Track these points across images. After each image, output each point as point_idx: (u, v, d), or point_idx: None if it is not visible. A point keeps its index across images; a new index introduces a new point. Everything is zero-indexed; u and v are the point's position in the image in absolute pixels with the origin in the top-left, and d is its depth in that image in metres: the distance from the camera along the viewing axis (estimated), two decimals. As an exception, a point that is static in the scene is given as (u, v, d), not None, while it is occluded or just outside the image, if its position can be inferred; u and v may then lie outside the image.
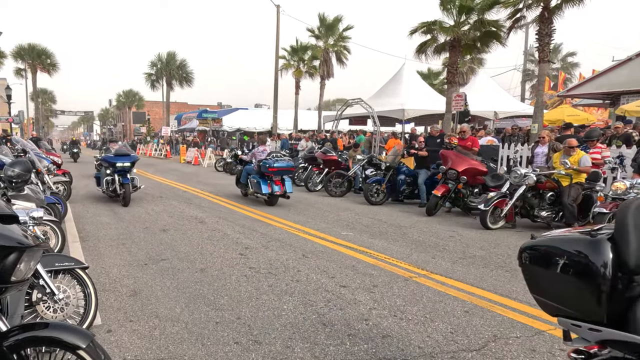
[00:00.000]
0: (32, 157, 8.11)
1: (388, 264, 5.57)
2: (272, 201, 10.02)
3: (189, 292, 4.53)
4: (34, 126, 43.23)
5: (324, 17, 27.80)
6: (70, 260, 3.58)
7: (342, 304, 4.24)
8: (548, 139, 8.92)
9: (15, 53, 40.32)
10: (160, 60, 41.94)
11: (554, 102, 25.05)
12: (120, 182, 9.79)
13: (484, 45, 17.04)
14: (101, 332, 3.57)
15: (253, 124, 34.33)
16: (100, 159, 11.01)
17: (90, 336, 2.07)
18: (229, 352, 3.31)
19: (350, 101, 17.37)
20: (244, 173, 10.92)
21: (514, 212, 7.92)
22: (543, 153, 8.72)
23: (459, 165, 8.95)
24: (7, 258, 1.89)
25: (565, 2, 13.44)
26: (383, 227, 7.89)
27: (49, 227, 5.28)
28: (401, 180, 10.56)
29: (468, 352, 3.34)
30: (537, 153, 8.83)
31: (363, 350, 3.34)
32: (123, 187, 9.72)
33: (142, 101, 63.29)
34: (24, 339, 2.01)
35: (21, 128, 37.09)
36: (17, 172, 5.26)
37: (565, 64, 34.64)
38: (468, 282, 4.90)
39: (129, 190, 9.70)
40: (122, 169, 9.83)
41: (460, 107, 14.42)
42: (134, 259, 5.72)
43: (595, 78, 15.21)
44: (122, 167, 9.82)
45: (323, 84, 28.66)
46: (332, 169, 12.64)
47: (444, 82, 24.61)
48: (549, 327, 3.77)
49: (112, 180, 10.01)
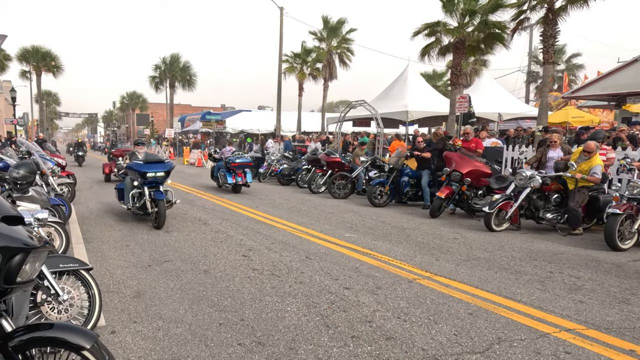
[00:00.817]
0: (37, 159, 8.16)
1: (391, 266, 5.56)
2: (236, 189, 12.35)
3: (192, 293, 4.53)
4: (38, 128, 43.46)
5: (328, 19, 27.84)
6: (75, 261, 3.59)
7: (345, 306, 4.23)
8: (559, 142, 8.75)
9: (20, 55, 40.55)
10: (164, 63, 42.08)
11: (559, 104, 24.96)
12: (152, 197, 7.66)
13: (487, 47, 17.00)
14: (105, 333, 3.58)
15: (256, 125, 34.35)
16: (125, 167, 8.58)
17: (95, 337, 2.08)
18: (232, 353, 3.31)
19: (354, 103, 17.36)
20: (216, 168, 13.43)
21: (518, 214, 7.88)
22: (558, 157, 8.43)
23: (463, 167, 8.93)
24: (13, 259, 1.90)
25: (570, 3, 13.42)
26: (386, 229, 7.88)
27: (54, 228, 5.31)
28: (405, 182, 10.55)
29: (472, 354, 3.32)
30: (552, 157, 8.50)
31: (367, 352, 3.33)
32: (156, 203, 7.53)
33: (145, 103, 63.48)
34: (28, 340, 2.01)
35: (26, 130, 37.27)
36: (22, 174, 5.29)
37: (570, 65, 34.50)
38: (472, 284, 4.89)
39: (163, 209, 7.50)
40: (153, 180, 7.75)
41: (464, 108, 14.38)
42: (138, 260, 5.74)
43: (601, 79, 15.11)
44: (154, 177, 7.73)
45: (326, 86, 28.67)
46: (335, 171, 12.63)
47: (447, 83, 24.58)
48: (554, 329, 3.75)
49: (140, 194, 7.92)
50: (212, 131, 32.57)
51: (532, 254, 6.31)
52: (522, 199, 7.67)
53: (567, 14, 13.69)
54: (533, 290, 4.71)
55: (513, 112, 20.82)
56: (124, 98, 65.91)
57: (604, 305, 4.33)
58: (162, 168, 7.84)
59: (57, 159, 12.13)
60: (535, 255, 6.20)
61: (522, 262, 5.85)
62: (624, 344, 3.51)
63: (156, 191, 7.65)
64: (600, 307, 4.28)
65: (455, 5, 16.38)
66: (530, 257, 6.13)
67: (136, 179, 7.89)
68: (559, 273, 5.33)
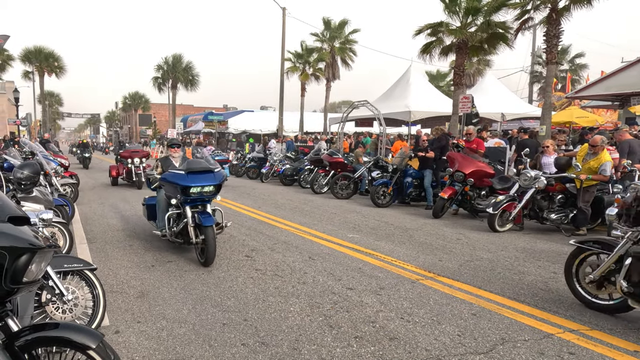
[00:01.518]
0: (41, 159, 8.18)
1: (395, 267, 5.56)
2: None
3: (195, 293, 4.54)
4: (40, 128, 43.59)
5: (327, 21, 27.86)
6: (79, 261, 3.61)
7: (348, 306, 4.23)
8: (552, 148, 8.69)
9: (23, 56, 40.72)
10: (166, 63, 42.19)
11: (563, 104, 24.89)
12: (196, 222, 5.47)
13: (491, 47, 16.97)
14: (109, 333, 3.59)
15: (259, 126, 34.37)
16: (160, 178, 6.22)
17: (100, 336, 2.09)
18: (235, 353, 3.32)
19: (356, 103, 17.35)
20: None
21: (522, 214, 7.86)
22: (551, 163, 8.40)
23: (466, 167, 8.92)
24: (20, 259, 1.91)
25: (573, 3, 13.38)
26: (389, 230, 7.88)
27: (57, 228, 5.33)
28: (408, 183, 10.53)
29: (476, 355, 3.32)
30: (545, 163, 8.46)
31: (370, 353, 3.33)
32: (202, 231, 5.40)
33: (148, 103, 63.62)
34: (34, 339, 2.02)
35: (29, 130, 37.40)
36: (26, 175, 5.31)
37: (574, 65, 34.41)
38: (475, 285, 4.88)
39: (212, 238, 5.32)
40: (199, 197, 5.56)
41: (467, 109, 14.35)
42: (141, 260, 5.75)
43: (605, 79, 15.07)
44: (201, 194, 5.54)
45: (329, 86, 28.69)
46: (338, 171, 12.64)
47: (450, 83, 24.55)
48: (558, 330, 3.74)
49: (178, 215, 5.87)
50: (215, 131, 32.63)
51: (535, 254, 6.29)
52: (527, 199, 7.65)
53: (571, 14, 13.66)
54: (537, 291, 4.70)
55: (516, 112, 20.77)
56: (127, 98, 66.10)
57: (608, 306, 4.31)
58: (211, 181, 5.56)
59: (60, 159, 12.16)
60: (538, 256, 6.19)
61: (525, 262, 5.84)
62: (628, 345, 3.50)
63: (202, 213, 5.49)
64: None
65: (458, 4, 16.35)
66: (533, 257, 6.11)
67: (174, 195, 5.70)
68: (562, 273, 5.31)
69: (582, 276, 4.29)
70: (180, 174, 5.62)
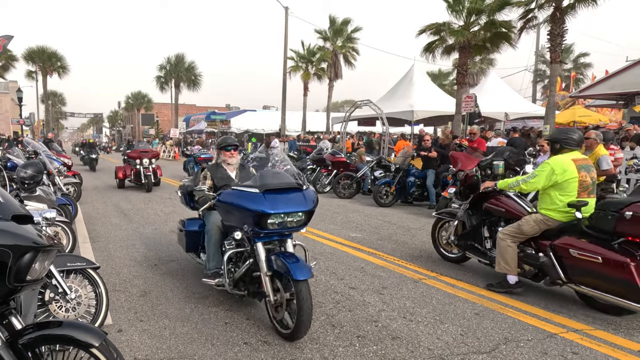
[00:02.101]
0: (44, 158, 8.19)
1: (397, 266, 5.55)
2: None
3: (198, 292, 4.55)
4: (43, 128, 43.77)
5: (333, 19, 27.84)
6: (82, 260, 3.62)
7: (351, 306, 4.23)
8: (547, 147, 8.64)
9: (26, 56, 40.90)
10: (169, 63, 42.31)
11: (566, 103, 24.81)
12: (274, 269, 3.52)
13: (494, 46, 16.92)
14: (112, 331, 3.60)
15: (261, 125, 34.43)
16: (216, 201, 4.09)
17: (103, 335, 2.09)
18: (238, 352, 3.32)
19: (359, 103, 17.33)
20: (187, 162, 16.75)
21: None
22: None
23: (469, 167, 8.86)
24: (23, 257, 1.91)
25: (578, 2, 13.33)
26: (392, 229, 7.87)
27: (61, 227, 5.34)
28: (411, 182, 10.52)
29: (479, 354, 3.31)
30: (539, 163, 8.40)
31: (372, 352, 3.33)
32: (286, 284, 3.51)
33: (150, 103, 63.75)
34: (38, 337, 2.03)
35: (32, 130, 37.56)
36: (29, 174, 5.33)
37: (578, 64, 34.27)
38: (478, 285, 4.87)
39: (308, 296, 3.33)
40: (278, 229, 3.63)
41: (470, 108, 14.32)
42: (144, 259, 5.76)
43: (609, 78, 15.01)
44: (283, 224, 3.61)
45: (331, 86, 28.66)
46: (340, 171, 12.62)
47: (454, 83, 24.49)
48: (561, 330, 3.73)
49: (241, 254, 4.00)
50: (217, 131, 32.65)
51: (538, 254, 6.27)
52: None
53: (575, 12, 13.61)
54: (540, 291, 4.69)
55: (520, 111, 20.73)
56: (129, 98, 66.24)
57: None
58: (300, 205, 3.67)
59: (63, 158, 12.20)
60: (541, 256, 6.16)
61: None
62: (632, 345, 3.49)
63: (286, 256, 3.54)
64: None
65: (461, 4, 16.31)
66: (536, 257, 6.09)
67: (238, 224, 3.81)
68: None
69: (440, 239, 5.89)
70: (253, 193, 3.64)
